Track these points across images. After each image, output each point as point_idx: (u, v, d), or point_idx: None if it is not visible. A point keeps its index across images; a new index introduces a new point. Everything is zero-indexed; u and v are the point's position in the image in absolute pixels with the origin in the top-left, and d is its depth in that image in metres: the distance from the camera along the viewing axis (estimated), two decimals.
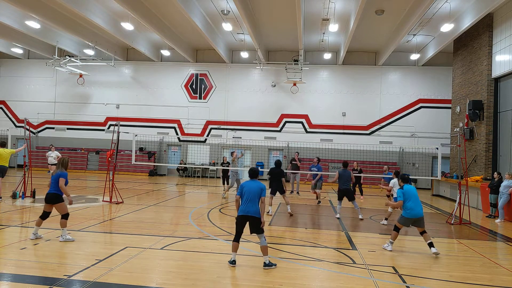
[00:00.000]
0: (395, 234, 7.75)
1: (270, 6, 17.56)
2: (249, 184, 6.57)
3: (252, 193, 6.41)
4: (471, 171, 17.27)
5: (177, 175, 25.57)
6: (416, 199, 7.63)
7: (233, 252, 6.39)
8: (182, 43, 23.12)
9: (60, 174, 7.42)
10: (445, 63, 23.07)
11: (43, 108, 26.73)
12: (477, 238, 9.50)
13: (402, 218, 7.68)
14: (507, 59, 15.30)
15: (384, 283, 5.72)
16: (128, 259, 6.34)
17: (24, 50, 26.36)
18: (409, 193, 7.66)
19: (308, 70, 23.72)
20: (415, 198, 7.63)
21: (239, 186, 6.83)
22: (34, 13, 17.25)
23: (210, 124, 25.54)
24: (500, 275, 6.40)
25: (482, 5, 15.20)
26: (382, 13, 17.48)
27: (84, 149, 26.14)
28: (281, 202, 14.44)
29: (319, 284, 5.71)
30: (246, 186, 6.53)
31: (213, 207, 12.54)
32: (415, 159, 23.39)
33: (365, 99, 24.43)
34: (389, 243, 7.74)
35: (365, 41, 22.08)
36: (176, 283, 5.37)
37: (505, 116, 15.93)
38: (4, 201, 11.82)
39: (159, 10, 18.51)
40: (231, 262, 6.31)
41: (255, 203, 6.40)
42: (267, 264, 6.24)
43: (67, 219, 7.44)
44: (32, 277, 5.35)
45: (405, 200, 7.63)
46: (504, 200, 11.77)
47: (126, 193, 14.86)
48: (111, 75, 26.23)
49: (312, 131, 24.56)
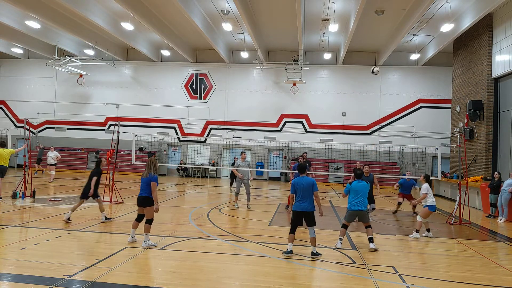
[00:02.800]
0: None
1: (270, 6, 17.55)
2: (300, 180, 7.00)
3: (305, 190, 6.91)
4: (471, 171, 17.27)
5: (177, 175, 25.57)
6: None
7: (289, 243, 6.97)
8: (182, 43, 23.12)
9: (152, 178, 7.20)
10: (445, 63, 23.07)
11: (43, 108, 26.73)
12: (477, 238, 9.49)
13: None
14: (507, 59, 15.30)
15: (384, 283, 5.72)
16: (128, 259, 6.34)
17: (24, 50, 26.36)
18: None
19: (308, 70, 23.72)
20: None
21: (292, 183, 7.16)
22: (34, 13, 17.25)
23: (210, 124, 25.54)
24: (500, 275, 6.40)
25: (482, 5, 15.20)
26: (382, 13, 17.48)
27: (84, 149, 26.14)
28: (281, 202, 14.44)
29: (319, 284, 5.71)
30: (298, 183, 6.99)
31: (213, 207, 12.53)
32: (415, 159, 23.39)
33: (365, 99, 24.43)
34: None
35: (365, 41, 22.08)
36: (176, 283, 5.37)
37: (505, 116, 15.93)
38: (4, 201, 11.82)
39: (159, 10, 18.51)
40: (287, 252, 6.88)
41: (310, 198, 6.93)
42: (314, 253, 6.88)
43: (151, 224, 7.24)
44: (32, 277, 5.34)
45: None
46: (505, 198, 11.72)
47: (126, 193, 14.84)
48: (111, 75, 26.24)
49: (312, 131, 24.56)
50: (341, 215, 11.81)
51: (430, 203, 9.01)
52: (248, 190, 12.46)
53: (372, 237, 7.67)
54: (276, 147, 25.40)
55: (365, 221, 7.89)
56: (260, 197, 16.13)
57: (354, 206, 7.76)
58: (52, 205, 11.57)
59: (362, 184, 7.87)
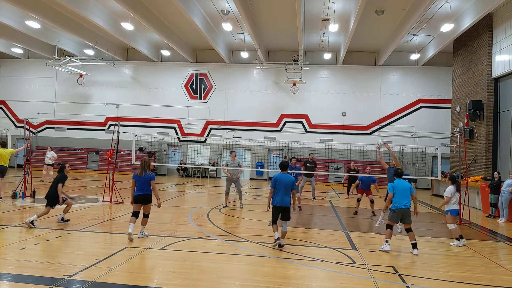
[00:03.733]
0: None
1: (270, 6, 17.56)
2: (281, 177, 7.45)
3: (286, 186, 7.38)
4: (471, 171, 17.27)
5: (177, 175, 25.57)
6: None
7: (275, 232, 7.42)
8: (182, 43, 23.12)
9: (151, 176, 7.70)
10: (445, 63, 23.08)
11: (43, 108, 26.73)
12: (477, 238, 9.50)
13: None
14: (507, 59, 15.30)
15: (384, 283, 5.72)
16: (128, 259, 6.34)
17: (24, 50, 26.36)
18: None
19: (308, 70, 23.72)
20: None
21: (273, 179, 7.52)
22: (34, 13, 17.25)
23: (210, 124, 25.54)
24: (500, 275, 6.40)
25: (482, 5, 15.20)
26: (382, 13, 17.48)
27: (84, 149, 26.14)
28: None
29: (319, 284, 5.70)
30: (279, 179, 7.43)
31: (213, 207, 12.53)
32: (415, 159, 23.39)
33: (365, 99, 24.44)
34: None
35: (365, 41, 22.08)
36: (176, 283, 5.37)
37: (505, 116, 15.93)
38: (4, 201, 11.82)
39: (159, 10, 18.51)
40: (276, 241, 7.32)
41: (288, 194, 7.42)
42: (281, 245, 7.31)
43: (148, 218, 7.89)
44: (32, 277, 5.34)
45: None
46: (506, 199, 11.73)
47: (126, 193, 14.84)
48: (111, 75, 26.24)
49: (312, 131, 24.56)
50: (341, 215, 11.82)
51: (452, 207, 8.50)
52: (239, 189, 12.46)
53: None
54: (276, 147, 25.40)
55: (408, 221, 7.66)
56: (260, 197, 16.13)
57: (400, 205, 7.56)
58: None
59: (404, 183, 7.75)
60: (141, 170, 7.66)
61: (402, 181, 7.82)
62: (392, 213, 7.68)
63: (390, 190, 7.77)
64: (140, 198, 7.66)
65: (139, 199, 7.67)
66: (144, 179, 7.62)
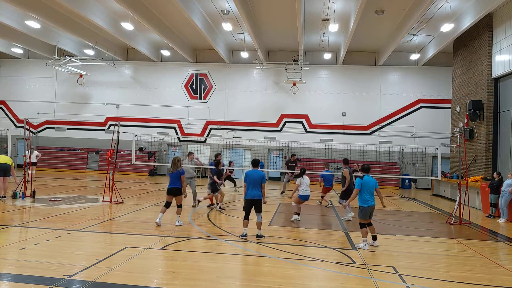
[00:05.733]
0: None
1: (270, 6, 17.55)
2: (252, 173, 8.08)
3: (256, 181, 8.00)
4: (471, 171, 17.27)
5: None
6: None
7: (244, 227, 8.12)
8: (182, 43, 23.12)
9: (181, 172, 9.12)
10: (445, 63, 23.07)
11: (43, 108, 26.73)
12: (477, 238, 9.49)
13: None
14: (507, 59, 15.30)
15: (384, 283, 5.72)
16: (128, 259, 6.34)
17: (24, 50, 26.36)
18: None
19: (308, 70, 23.72)
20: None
21: (245, 175, 8.14)
22: (34, 13, 17.25)
23: (210, 124, 25.54)
24: (500, 275, 6.40)
25: (482, 5, 15.20)
26: (382, 13, 17.49)
27: (84, 149, 26.14)
28: (281, 202, 14.44)
29: (319, 284, 5.70)
30: (250, 175, 8.05)
31: (213, 207, 12.53)
32: (415, 159, 23.39)
33: (365, 99, 24.43)
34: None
35: (365, 41, 22.08)
36: (176, 283, 5.37)
37: (505, 116, 15.93)
38: (4, 201, 11.83)
39: (159, 10, 18.51)
40: (243, 235, 8.01)
41: (258, 188, 8.02)
42: (258, 235, 8.06)
43: (181, 208, 9.27)
44: (32, 277, 5.34)
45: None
46: (506, 199, 11.74)
47: (126, 193, 14.85)
48: (111, 75, 26.24)
49: (312, 131, 24.56)
50: (341, 215, 11.82)
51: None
52: (194, 190, 12.57)
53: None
54: (276, 147, 25.39)
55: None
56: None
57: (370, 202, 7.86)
58: (52, 205, 11.56)
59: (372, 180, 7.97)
60: (173, 168, 9.04)
61: (370, 178, 8.00)
62: (364, 211, 7.84)
63: (357, 186, 7.90)
64: (172, 190, 9.05)
65: (171, 191, 9.06)
66: (175, 174, 9.03)
